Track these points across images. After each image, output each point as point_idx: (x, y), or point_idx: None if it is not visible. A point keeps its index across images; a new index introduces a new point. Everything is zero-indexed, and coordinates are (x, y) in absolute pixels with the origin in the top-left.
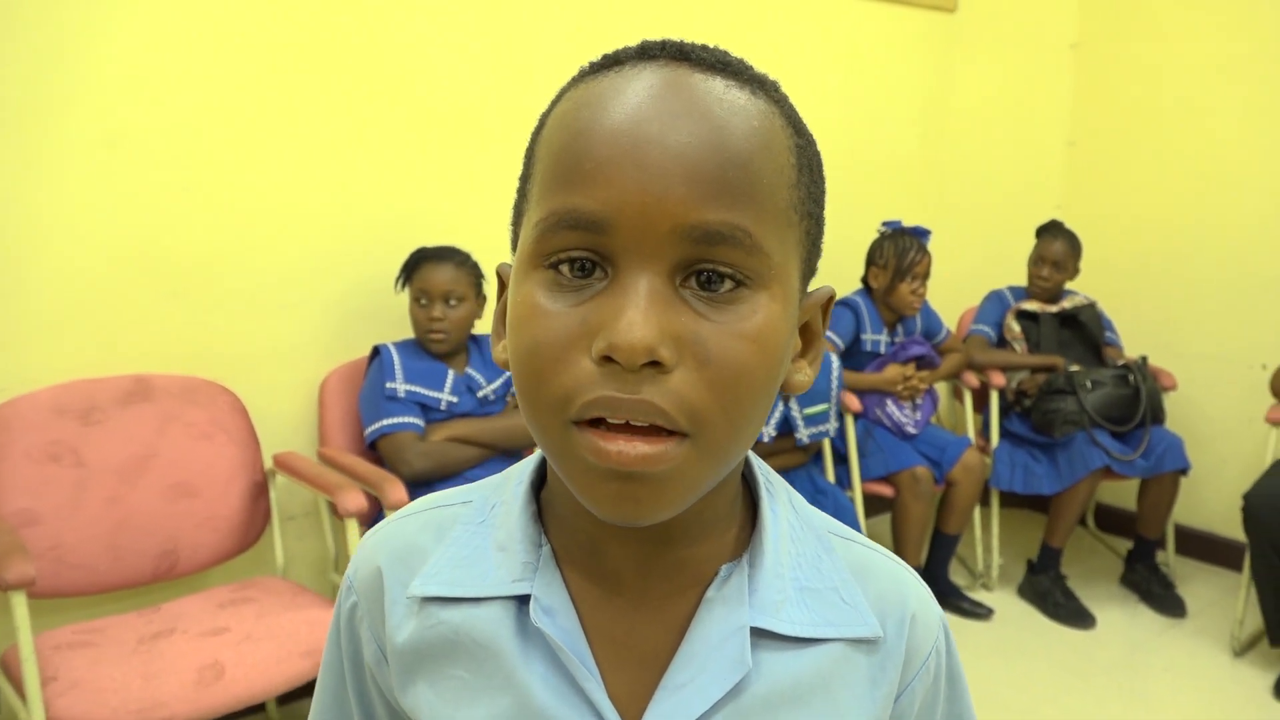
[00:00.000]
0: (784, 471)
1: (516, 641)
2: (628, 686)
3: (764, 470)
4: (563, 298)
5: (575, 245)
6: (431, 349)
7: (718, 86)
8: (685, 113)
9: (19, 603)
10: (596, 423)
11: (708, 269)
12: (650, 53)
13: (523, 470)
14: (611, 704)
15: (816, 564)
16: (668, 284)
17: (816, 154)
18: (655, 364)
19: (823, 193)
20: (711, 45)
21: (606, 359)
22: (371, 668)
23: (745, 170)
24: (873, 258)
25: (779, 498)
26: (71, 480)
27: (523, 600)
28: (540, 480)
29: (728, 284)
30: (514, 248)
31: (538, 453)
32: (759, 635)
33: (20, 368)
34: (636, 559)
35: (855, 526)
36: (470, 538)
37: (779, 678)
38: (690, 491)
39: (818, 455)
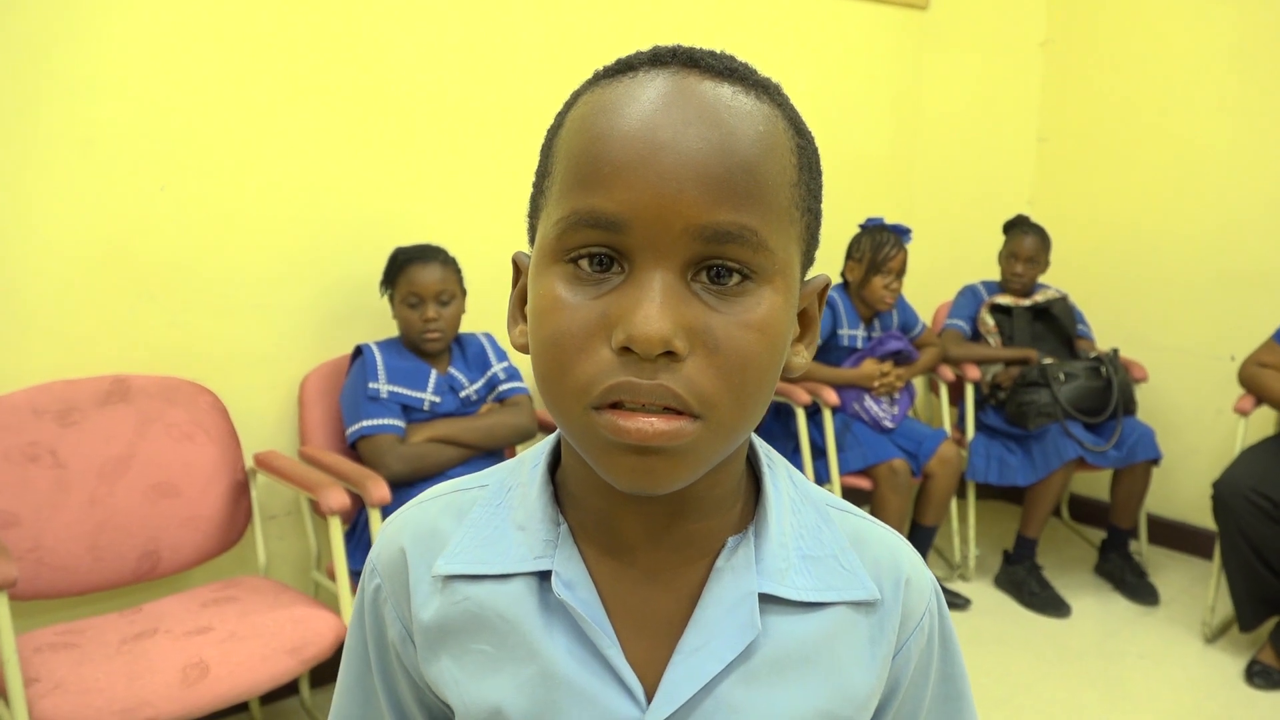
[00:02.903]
0: None
1: (539, 614)
2: (645, 653)
3: (765, 449)
4: (583, 291)
5: (595, 242)
6: (428, 349)
7: (725, 93)
8: (696, 119)
9: (0, 603)
10: (615, 405)
11: (717, 264)
12: (661, 59)
13: (537, 454)
14: (631, 669)
15: (817, 534)
16: (680, 279)
17: (815, 152)
18: (670, 353)
19: (820, 188)
20: (718, 50)
21: (625, 349)
22: (396, 646)
23: (751, 174)
24: (850, 252)
25: (779, 473)
26: (51, 481)
27: (543, 576)
28: (554, 463)
29: (735, 278)
30: (531, 239)
31: (550, 437)
32: (766, 601)
33: None
34: (649, 533)
35: None
36: (489, 518)
37: (786, 640)
38: (701, 464)
39: (795, 449)
